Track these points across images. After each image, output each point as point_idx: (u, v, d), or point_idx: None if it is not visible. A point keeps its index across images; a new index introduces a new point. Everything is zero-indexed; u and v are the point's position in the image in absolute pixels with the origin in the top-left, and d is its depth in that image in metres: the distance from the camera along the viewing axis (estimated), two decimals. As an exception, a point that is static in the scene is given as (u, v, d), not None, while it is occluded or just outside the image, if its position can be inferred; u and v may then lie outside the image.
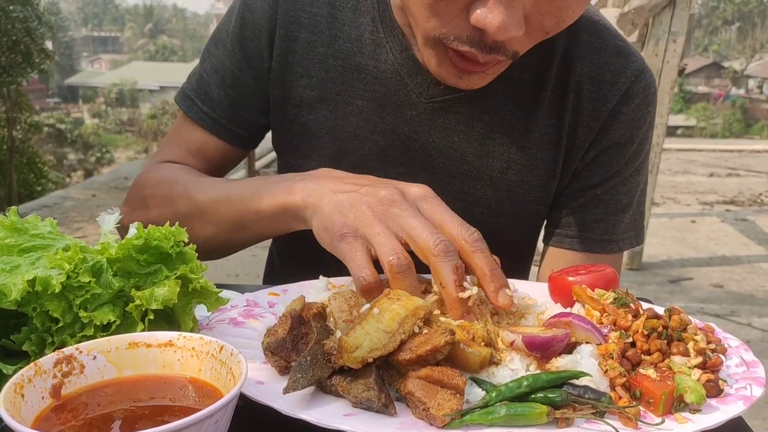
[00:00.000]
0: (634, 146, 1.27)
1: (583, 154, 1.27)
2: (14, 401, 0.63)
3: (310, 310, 0.87)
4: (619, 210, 1.31)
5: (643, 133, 1.28)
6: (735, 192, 11.98)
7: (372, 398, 0.73)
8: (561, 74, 1.24)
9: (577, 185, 1.30)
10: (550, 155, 1.26)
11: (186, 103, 1.35)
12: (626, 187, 1.30)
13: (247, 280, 5.76)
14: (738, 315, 6.00)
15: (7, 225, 0.86)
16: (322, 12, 1.24)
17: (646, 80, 1.26)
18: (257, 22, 1.27)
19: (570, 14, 1.01)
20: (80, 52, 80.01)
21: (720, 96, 41.98)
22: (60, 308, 0.77)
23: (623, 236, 1.33)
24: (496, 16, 0.93)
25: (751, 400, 0.77)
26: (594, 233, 1.30)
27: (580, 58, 1.23)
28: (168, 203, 1.24)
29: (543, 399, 0.74)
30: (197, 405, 0.68)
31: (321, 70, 1.26)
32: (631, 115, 1.25)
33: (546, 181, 1.28)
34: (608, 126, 1.25)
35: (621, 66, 1.24)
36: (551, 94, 1.24)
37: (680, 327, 0.86)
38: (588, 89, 1.23)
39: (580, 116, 1.24)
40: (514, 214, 1.30)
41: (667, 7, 6.05)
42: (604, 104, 1.24)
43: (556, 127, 1.25)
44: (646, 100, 1.26)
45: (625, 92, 1.23)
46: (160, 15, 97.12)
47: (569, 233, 1.31)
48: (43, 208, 9.93)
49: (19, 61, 14.09)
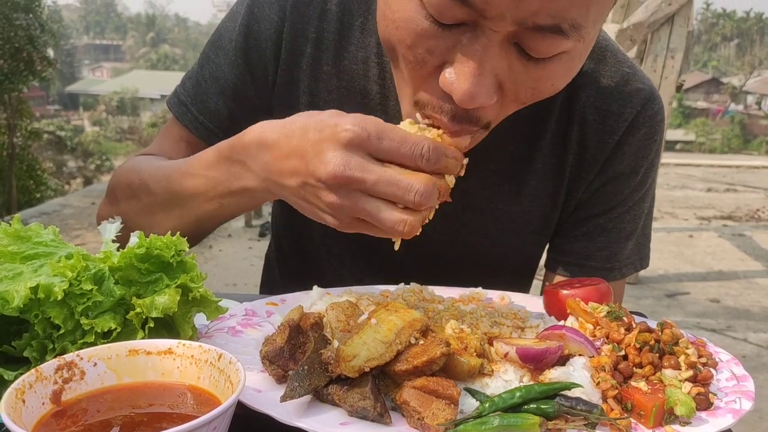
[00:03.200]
0: (639, 176, 1.24)
1: (587, 186, 1.24)
2: (15, 406, 0.64)
3: (307, 320, 0.88)
4: (623, 238, 1.28)
5: (649, 162, 1.24)
6: (732, 207, 12.01)
7: (368, 407, 0.74)
8: (565, 105, 1.20)
9: (581, 214, 1.27)
10: (553, 186, 1.24)
11: (180, 109, 1.29)
12: (630, 215, 1.27)
13: (245, 289, 5.76)
14: (734, 330, 6.00)
15: (10, 233, 0.87)
16: (331, 28, 1.20)
17: (653, 109, 1.21)
18: (263, 33, 1.22)
19: (548, 86, 0.93)
20: (82, 59, 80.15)
21: (719, 111, 42.15)
22: (62, 315, 0.78)
23: (626, 263, 1.30)
24: (463, 82, 0.86)
25: (740, 414, 0.78)
26: (596, 261, 1.28)
27: (585, 87, 1.19)
28: (131, 195, 1.22)
29: (536, 410, 0.75)
30: (195, 412, 0.69)
31: (325, 90, 1.22)
32: (637, 145, 1.20)
33: (548, 211, 1.26)
34: (614, 157, 1.21)
35: (628, 95, 1.19)
36: (555, 125, 1.20)
37: (672, 341, 0.88)
38: (593, 120, 1.19)
39: (585, 148, 1.21)
40: (514, 243, 1.28)
41: (665, 23, 6.10)
42: (611, 135, 1.19)
43: (559, 158, 1.22)
44: (653, 129, 1.21)
45: (631, 122, 1.19)
46: (162, 24, 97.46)
47: (571, 261, 1.29)
48: (42, 215, 9.93)
49: (21, 68, 14.12)
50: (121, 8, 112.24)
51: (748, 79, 50.15)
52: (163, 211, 1.15)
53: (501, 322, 0.99)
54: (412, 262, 1.26)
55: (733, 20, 68.73)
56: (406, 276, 1.21)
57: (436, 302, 1.09)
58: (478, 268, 1.27)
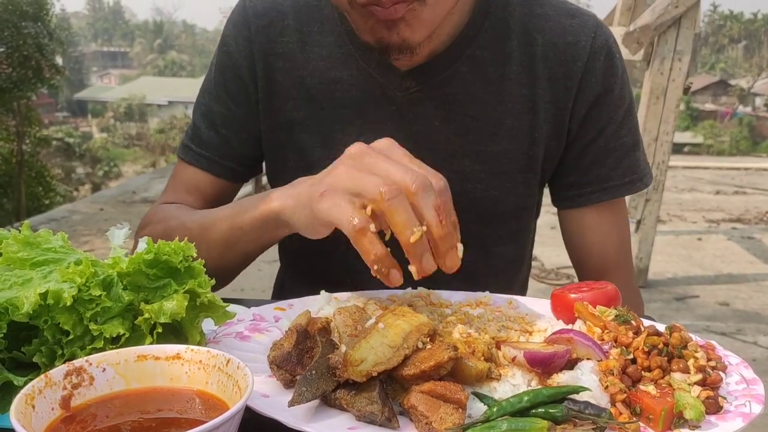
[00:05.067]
0: (615, 92, 1.34)
1: (570, 114, 1.34)
2: (25, 412, 0.64)
3: (315, 325, 0.88)
4: (629, 150, 1.38)
5: (620, 79, 1.35)
6: (742, 210, 11.93)
7: (375, 412, 0.74)
8: (523, 48, 1.31)
9: (579, 144, 1.37)
10: (528, 122, 1.33)
11: (183, 151, 1.46)
12: (625, 129, 1.37)
13: (253, 294, 5.78)
14: (744, 333, 5.96)
15: (19, 239, 0.88)
16: (293, 39, 1.35)
17: (604, 33, 1.34)
18: (236, 62, 1.38)
19: None
20: (90, 66, 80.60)
21: (727, 114, 41.97)
22: (71, 321, 0.79)
23: (645, 171, 1.41)
24: None
25: (750, 417, 0.78)
26: (616, 180, 1.37)
27: (539, 30, 1.31)
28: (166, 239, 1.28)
29: (544, 414, 0.75)
30: (204, 417, 0.69)
31: (302, 89, 1.35)
32: (602, 67, 1.32)
33: (527, 147, 1.34)
34: (585, 82, 1.32)
35: (578, 26, 1.33)
36: (517, 67, 1.31)
37: (681, 344, 0.87)
38: (554, 54, 1.31)
39: (555, 81, 1.32)
40: (505, 186, 1.36)
41: (672, 26, 6.08)
42: (575, 63, 1.31)
43: (527, 97, 1.32)
44: (611, 49, 1.34)
45: (591, 47, 1.31)
46: (170, 31, 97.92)
47: (592, 189, 1.38)
48: (51, 221, 9.98)
49: (30, 76, 14.21)
50: (128, 15, 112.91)
51: (756, 80, 49.94)
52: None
53: (508, 325, 0.99)
54: None
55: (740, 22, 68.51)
56: None
57: (443, 306, 1.09)
58: (479, 221, 1.36)
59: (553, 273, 7.33)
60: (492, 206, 1.36)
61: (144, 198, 11.86)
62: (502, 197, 1.37)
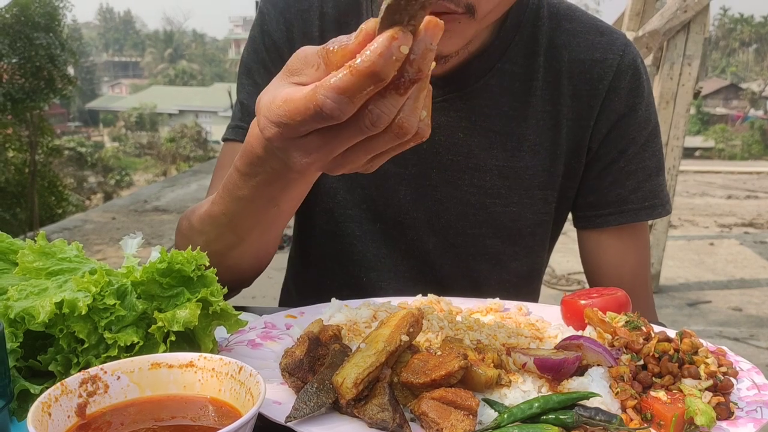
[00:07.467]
0: (639, 113, 1.33)
1: (591, 133, 1.33)
2: (42, 420, 0.65)
3: (326, 332, 0.89)
4: (652, 174, 1.36)
5: (646, 100, 1.34)
6: (754, 214, 11.85)
7: (387, 419, 0.74)
8: (549, 64, 1.30)
9: (600, 164, 1.35)
10: (550, 139, 1.32)
11: (234, 132, 1.38)
12: (648, 152, 1.35)
13: (264, 302, 5.79)
14: (757, 339, 5.91)
15: (35, 249, 0.89)
16: (330, 27, 1.32)
17: (632, 51, 1.33)
18: (276, 44, 1.34)
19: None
20: (101, 76, 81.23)
21: (738, 117, 41.71)
22: (86, 330, 0.80)
23: (666, 199, 1.39)
24: None
25: (761, 423, 0.78)
26: (635, 203, 1.36)
27: (566, 45, 1.30)
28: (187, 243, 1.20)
29: (554, 420, 0.75)
30: (217, 425, 0.70)
31: None
32: (628, 86, 1.31)
33: (549, 164, 1.33)
34: (608, 101, 1.31)
35: (607, 43, 1.31)
36: (542, 83, 1.30)
37: (691, 350, 0.87)
38: (580, 71, 1.30)
39: (578, 98, 1.31)
40: (524, 202, 1.35)
41: (681, 31, 6.06)
42: (600, 82, 1.30)
43: (551, 114, 1.31)
44: (638, 69, 1.32)
45: (617, 66, 1.30)
46: (180, 40, 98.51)
47: (611, 211, 1.37)
48: (63, 230, 10.05)
49: (42, 86, 14.35)
50: (139, 25, 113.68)
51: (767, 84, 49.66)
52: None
53: (519, 332, 0.99)
54: (432, 235, 1.36)
55: (751, 25, 68.15)
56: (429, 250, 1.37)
57: (454, 313, 1.09)
58: (497, 237, 1.36)
59: (564, 279, 7.31)
60: (510, 222, 1.36)
61: (155, 207, 11.93)
62: (521, 213, 1.36)
